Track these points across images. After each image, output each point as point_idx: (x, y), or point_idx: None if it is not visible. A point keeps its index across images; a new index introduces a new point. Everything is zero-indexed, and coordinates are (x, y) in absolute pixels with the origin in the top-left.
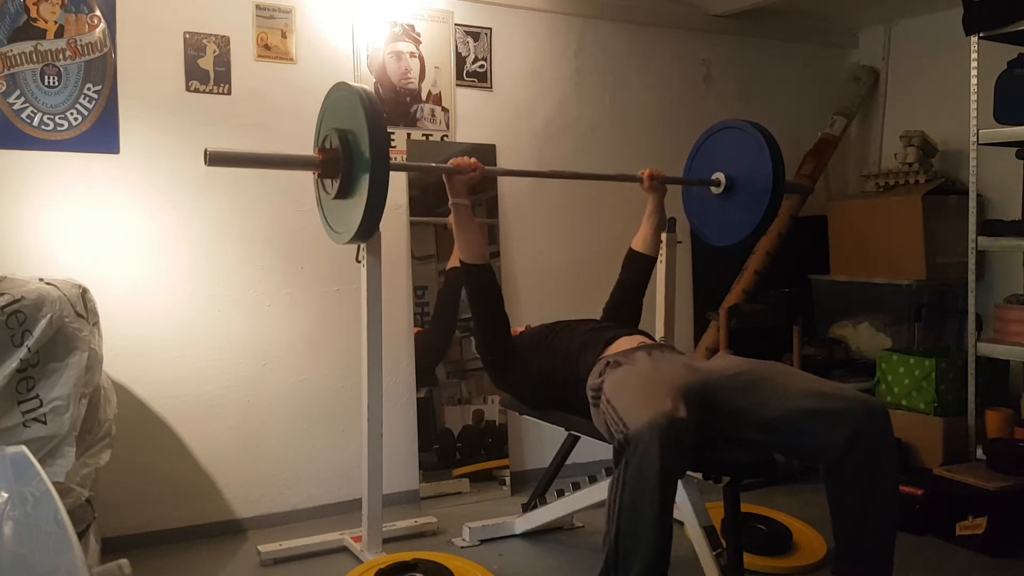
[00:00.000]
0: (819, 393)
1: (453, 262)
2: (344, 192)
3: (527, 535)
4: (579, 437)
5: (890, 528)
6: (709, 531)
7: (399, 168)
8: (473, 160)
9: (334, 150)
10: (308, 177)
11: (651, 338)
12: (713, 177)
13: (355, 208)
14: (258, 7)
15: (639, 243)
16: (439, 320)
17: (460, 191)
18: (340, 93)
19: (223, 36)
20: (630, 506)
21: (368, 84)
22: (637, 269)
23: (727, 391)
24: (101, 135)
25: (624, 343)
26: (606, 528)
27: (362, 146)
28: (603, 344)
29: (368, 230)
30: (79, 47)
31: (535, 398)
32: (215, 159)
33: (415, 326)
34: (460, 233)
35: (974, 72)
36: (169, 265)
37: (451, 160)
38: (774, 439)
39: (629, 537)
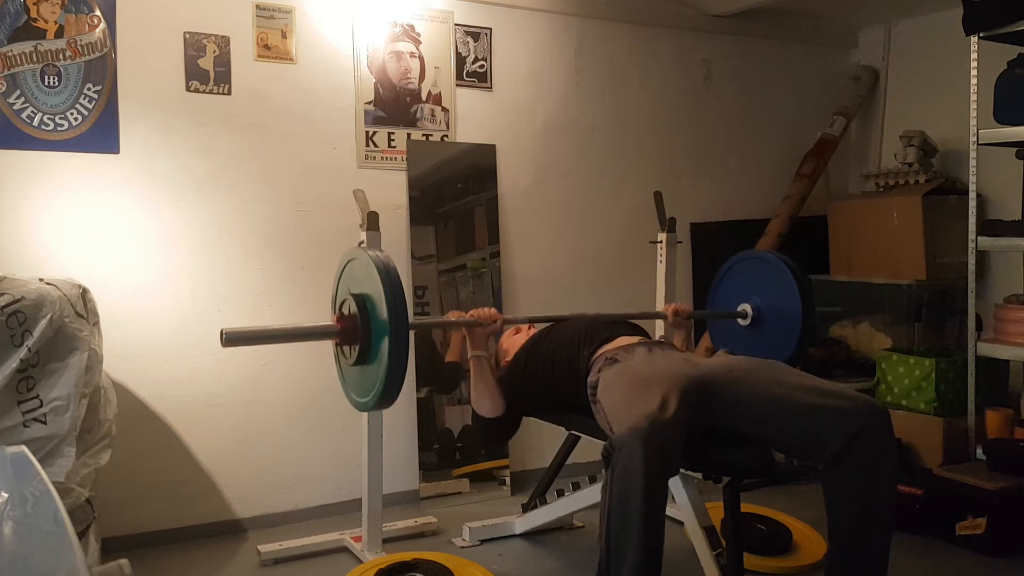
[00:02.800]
0: (820, 390)
1: (452, 357)
2: (363, 358)
3: (527, 535)
4: (579, 437)
5: (887, 529)
6: (709, 531)
7: (418, 327)
8: (493, 311)
9: (351, 316)
10: (308, 177)
11: (649, 337)
12: (739, 308)
13: (375, 373)
14: (258, 7)
15: None
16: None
17: (481, 344)
18: (355, 259)
19: (223, 36)
20: (618, 510)
21: (368, 84)
22: None
23: (726, 386)
24: (101, 135)
25: (624, 340)
26: (599, 531)
27: (380, 310)
28: (601, 340)
29: (391, 395)
30: (79, 47)
31: (540, 401)
32: (231, 340)
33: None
34: (477, 387)
35: (974, 72)
36: (169, 265)
37: (471, 312)
38: (773, 435)
39: (619, 540)
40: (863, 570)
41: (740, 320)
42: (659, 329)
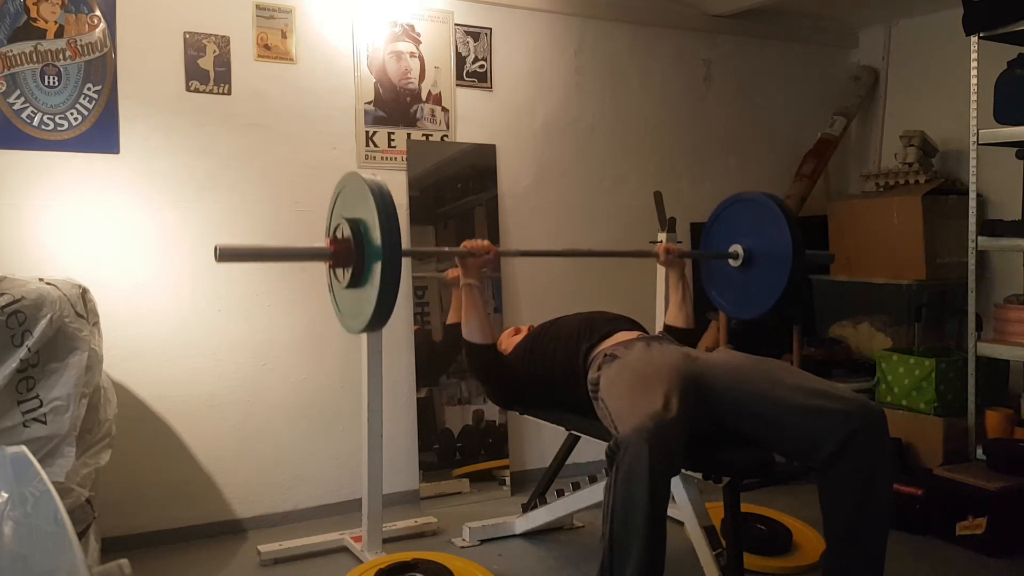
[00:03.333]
0: (817, 391)
1: (453, 319)
2: (356, 281)
3: (527, 535)
4: (579, 437)
5: (883, 530)
6: (709, 531)
7: (411, 254)
8: (486, 243)
9: (345, 240)
10: (308, 177)
11: (648, 333)
12: (731, 250)
13: (367, 296)
14: (258, 7)
15: (672, 319)
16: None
17: (473, 273)
18: (350, 183)
19: (223, 36)
20: (622, 509)
21: (368, 84)
22: (680, 342)
23: (725, 382)
24: (101, 135)
25: (622, 336)
26: (602, 530)
27: (373, 235)
28: (600, 336)
29: (382, 318)
30: (79, 47)
31: (537, 397)
32: (225, 255)
33: (415, 326)
34: (468, 315)
35: (974, 72)
36: (169, 265)
37: (464, 243)
38: (769, 434)
39: (622, 539)
40: (860, 570)
41: (731, 261)
42: (658, 325)
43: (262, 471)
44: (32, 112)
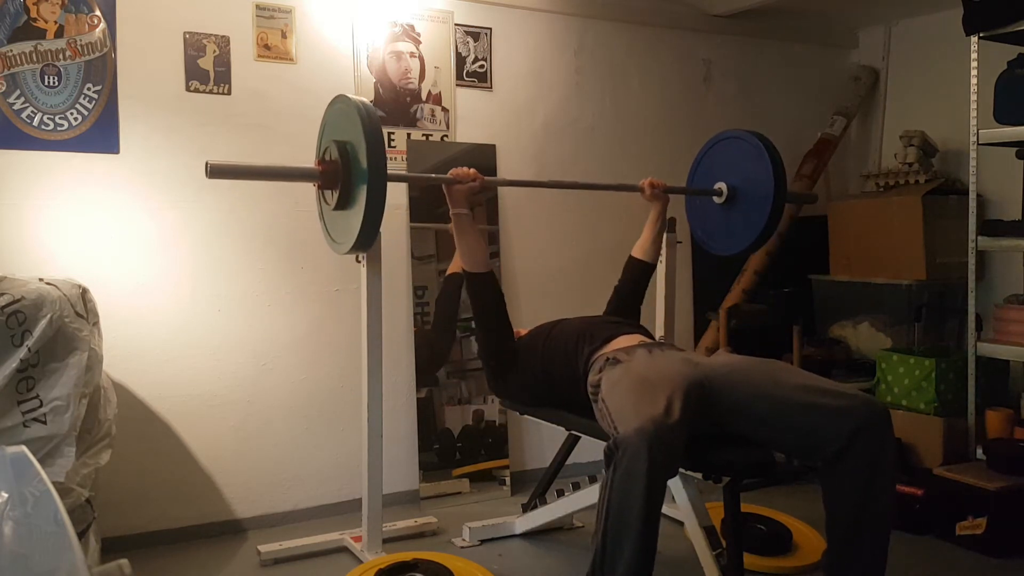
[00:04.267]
0: (819, 389)
1: (454, 267)
2: (344, 203)
3: (527, 535)
4: (579, 437)
5: (885, 529)
6: (709, 531)
7: (397, 179)
8: (472, 171)
9: (333, 162)
10: None
11: (651, 336)
12: (715, 187)
13: (354, 218)
14: (258, 7)
15: (639, 250)
16: (440, 324)
17: (460, 201)
18: (339, 106)
19: (223, 36)
20: (617, 509)
21: (368, 84)
22: (636, 276)
23: (726, 385)
24: (101, 135)
25: (624, 341)
26: (594, 528)
27: (360, 157)
28: (602, 340)
29: (367, 240)
30: (79, 47)
31: (537, 397)
32: (216, 171)
33: (415, 326)
34: (462, 242)
35: (974, 72)
36: (169, 265)
37: (451, 171)
38: (772, 435)
39: (616, 539)
40: (861, 569)
41: (715, 198)
42: (657, 329)
43: (262, 471)
44: (32, 112)
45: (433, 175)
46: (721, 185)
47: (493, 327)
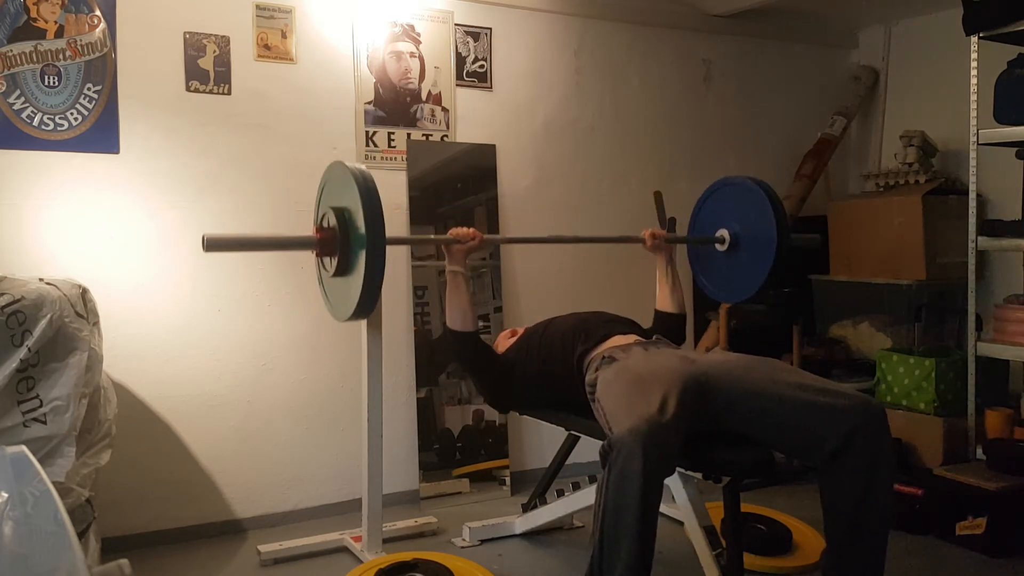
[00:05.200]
0: (817, 388)
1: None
2: (343, 270)
3: (527, 535)
4: (579, 437)
5: (883, 529)
6: (709, 531)
7: (397, 242)
8: (472, 230)
9: (331, 229)
10: (308, 177)
11: (647, 336)
12: (717, 234)
13: (354, 285)
14: (258, 7)
15: (662, 304)
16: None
17: (459, 260)
18: (335, 172)
19: (223, 36)
20: (613, 509)
21: (368, 84)
22: (670, 327)
23: (724, 382)
24: (101, 135)
25: (620, 339)
26: (592, 529)
27: (358, 223)
28: (597, 339)
29: (367, 307)
30: (79, 47)
31: (536, 399)
32: (212, 245)
33: (415, 326)
34: (452, 300)
35: (974, 72)
36: (169, 265)
37: (450, 231)
38: (770, 433)
39: (612, 539)
40: (861, 569)
41: (718, 245)
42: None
43: (262, 471)
44: (32, 112)
45: (432, 236)
46: (723, 232)
47: (481, 380)
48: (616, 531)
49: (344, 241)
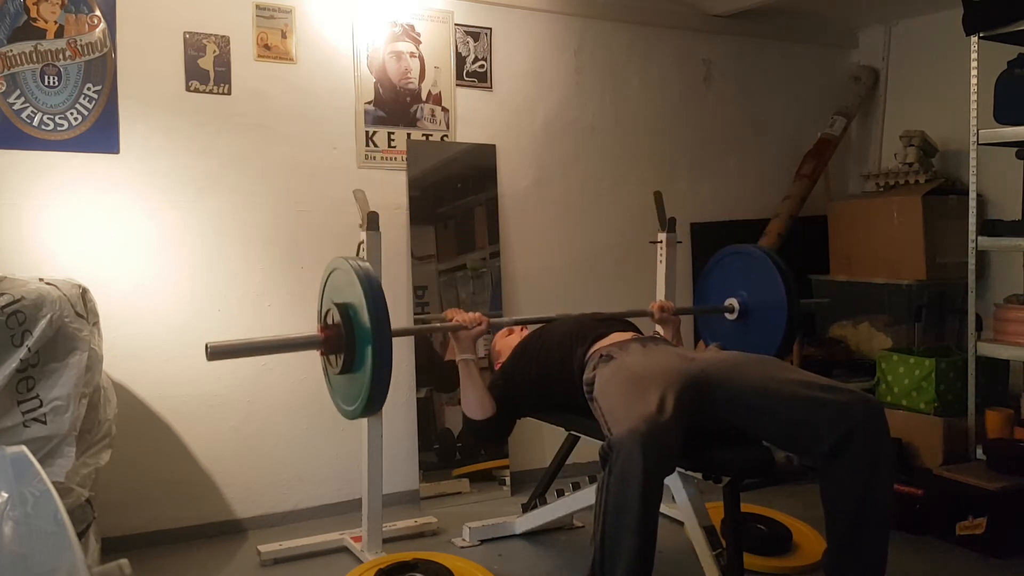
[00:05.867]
0: (816, 385)
1: (452, 356)
2: (348, 366)
3: (527, 535)
4: (579, 437)
5: (884, 527)
6: (709, 531)
7: (402, 333)
8: (478, 315)
9: (335, 326)
10: (308, 177)
11: (642, 333)
12: (726, 303)
13: (360, 381)
14: (258, 7)
15: None
16: None
17: (467, 347)
18: (337, 268)
19: (223, 36)
20: (614, 510)
21: (368, 84)
22: None
23: (722, 381)
24: (101, 135)
25: (617, 337)
26: (593, 530)
27: (363, 318)
28: (595, 338)
29: (377, 402)
30: (79, 47)
31: (533, 400)
32: (216, 354)
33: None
34: (466, 390)
35: (974, 72)
36: (169, 265)
37: (455, 317)
38: (769, 429)
39: (614, 540)
40: (861, 569)
41: (727, 315)
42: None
43: (262, 471)
44: (32, 112)
45: (438, 324)
46: (732, 301)
47: (499, 438)
48: (617, 532)
49: (349, 338)
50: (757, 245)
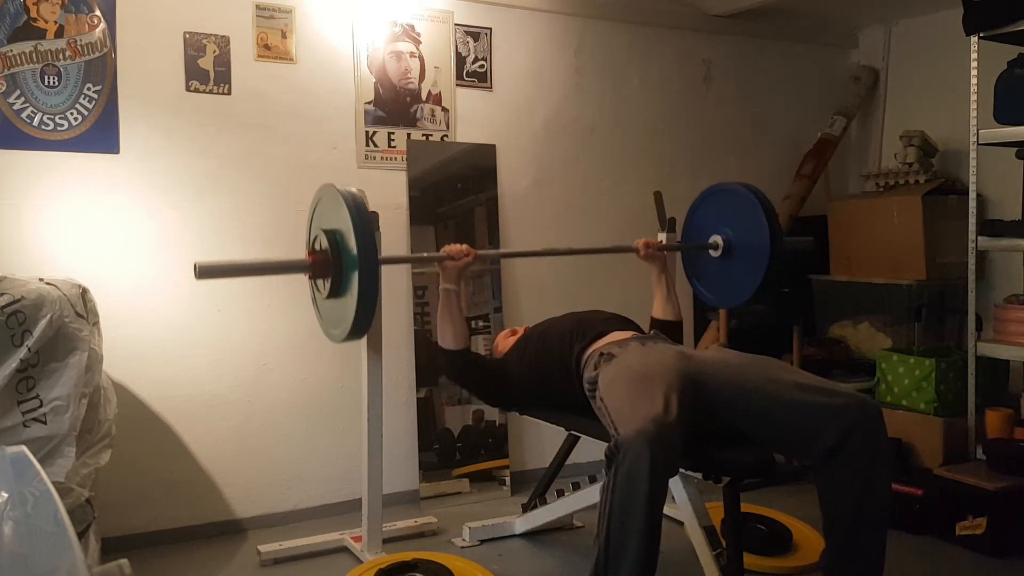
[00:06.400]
0: (814, 387)
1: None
2: (336, 291)
3: (527, 535)
4: (579, 437)
5: (882, 528)
6: (709, 531)
7: (390, 261)
8: (465, 247)
9: (323, 251)
10: (308, 177)
11: (643, 332)
12: (710, 240)
13: (348, 306)
14: (258, 7)
15: (658, 312)
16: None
17: (452, 277)
18: (326, 194)
19: (223, 36)
20: (620, 510)
21: (368, 84)
22: (667, 335)
23: (721, 379)
24: (101, 135)
25: (616, 336)
26: (597, 530)
27: (349, 245)
28: (593, 336)
29: (362, 327)
30: (79, 47)
31: (532, 397)
32: (204, 272)
33: (415, 326)
34: (444, 319)
35: (974, 72)
36: (169, 265)
37: (443, 248)
38: (767, 429)
39: (619, 540)
40: (860, 567)
41: (711, 252)
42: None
43: (262, 471)
44: (32, 112)
45: (425, 254)
46: (716, 238)
47: (480, 391)
48: (622, 532)
49: (336, 263)
50: (743, 183)
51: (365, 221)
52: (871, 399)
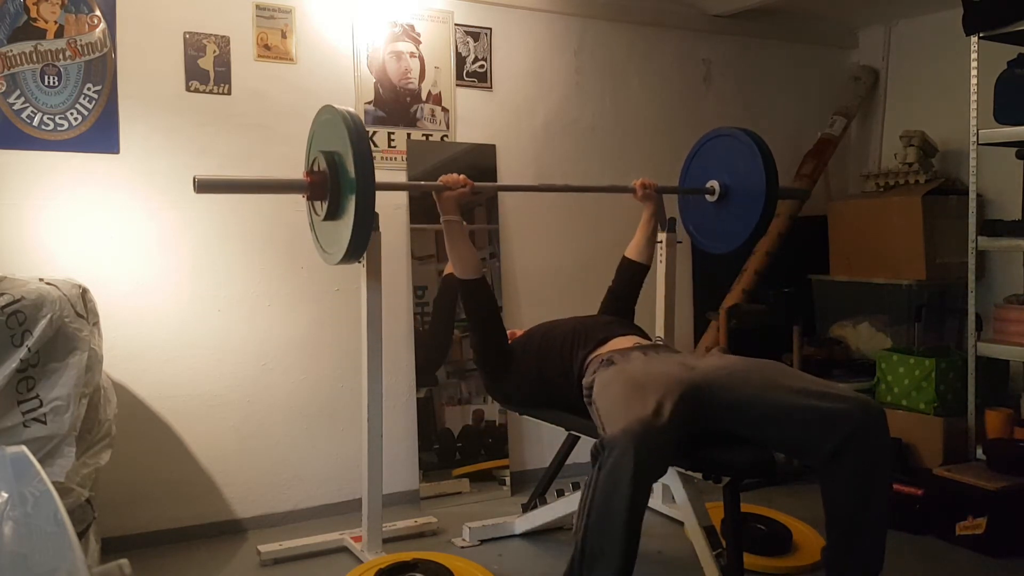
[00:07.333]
0: (816, 392)
1: (451, 268)
2: (333, 213)
3: (527, 535)
4: (579, 437)
5: (882, 528)
6: (709, 531)
7: (386, 187)
8: (462, 176)
9: (321, 172)
10: None
11: (646, 337)
12: (707, 185)
13: (344, 228)
14: (258, 7)
15: (633, 251)
16: (438, 325)
17: (451, 207)
18: (325, 116)
19: (223, 36)
20: (600, 509)
21: (368, 84)
22: (629, 277)
23: (724, 386)
24: (101, 135)
25: (619, 342)
26: (575, 526)
27: (348, 167)
28: (596, 342)
29: (357, 249)
30: (79, 47)
31: (530, 396)
32: (204, 186)
33: (415, 326)
34: (452, 249)
35: (974, 72)
36: (169, 265)
37: (440, 177)
38: (770, 436)
39: (597, 538)
40: (860, 566)
41: (708, 196)
42: (656, 329)
43: (262, 471)
44: (32, 112)
45: (423, 182)
46: (713, 183)
47: (487, 331)
48: (601, 531)
49: (334, 184)
50: (743, 128)
51: (363, 142)
52: (873, 401)
